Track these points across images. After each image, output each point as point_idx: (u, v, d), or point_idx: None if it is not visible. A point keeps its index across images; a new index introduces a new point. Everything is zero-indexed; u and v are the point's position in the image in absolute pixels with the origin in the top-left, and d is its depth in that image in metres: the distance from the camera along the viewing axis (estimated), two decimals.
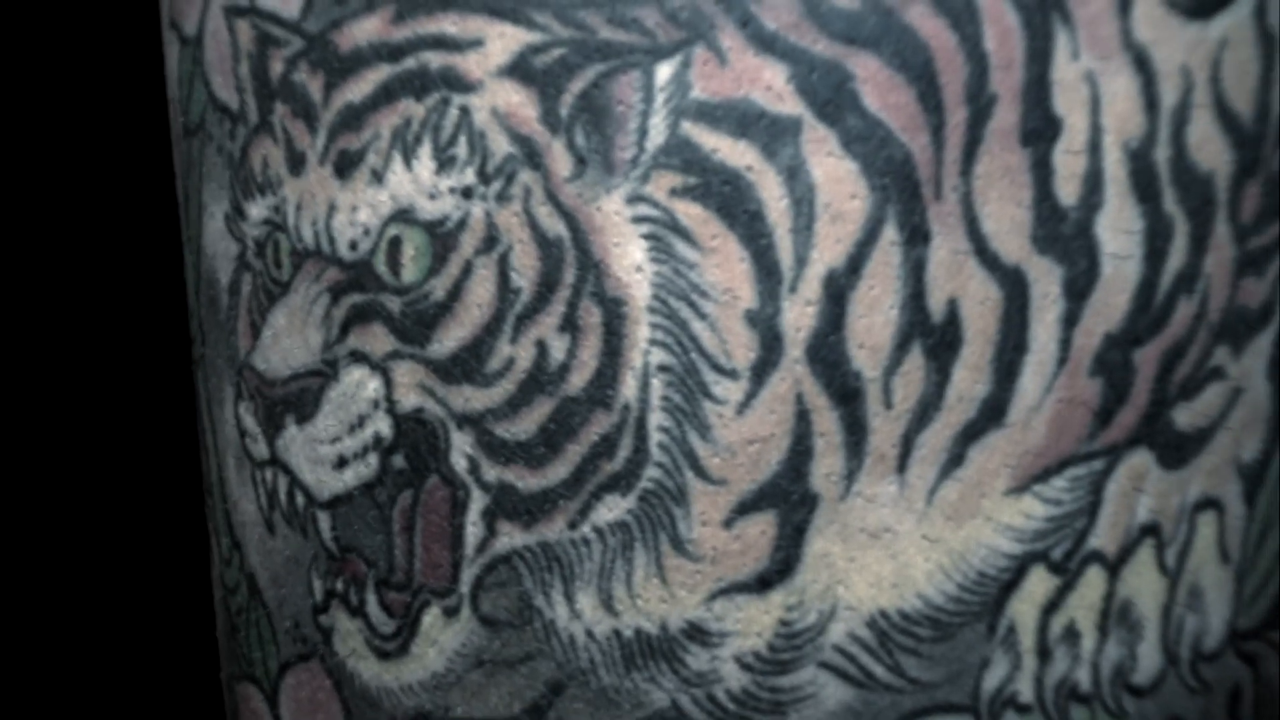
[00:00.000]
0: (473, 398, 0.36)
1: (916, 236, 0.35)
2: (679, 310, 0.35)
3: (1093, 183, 0.35)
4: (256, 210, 0.38)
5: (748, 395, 0.35)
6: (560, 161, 0.35)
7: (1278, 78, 0.37)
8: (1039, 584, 0.37)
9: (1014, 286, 0.36)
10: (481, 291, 0.36)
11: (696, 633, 0.37)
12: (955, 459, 0.36)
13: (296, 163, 0.38)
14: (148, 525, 0.56)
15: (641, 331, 0.35)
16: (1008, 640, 0.37)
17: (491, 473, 0.37)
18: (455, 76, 0.35)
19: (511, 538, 0.37)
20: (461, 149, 0.36)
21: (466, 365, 0.37)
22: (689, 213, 0.34)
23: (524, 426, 0.36)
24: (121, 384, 0.59)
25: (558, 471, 0.36)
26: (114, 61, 0.59)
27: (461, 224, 0.36)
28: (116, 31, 0.58)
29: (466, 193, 0.35)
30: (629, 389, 0.35)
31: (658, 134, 0.34)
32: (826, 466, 0.35)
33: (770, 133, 0.34)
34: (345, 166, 0.37)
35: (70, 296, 0.61)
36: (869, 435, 0.36)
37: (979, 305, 0.35)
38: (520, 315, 0.36)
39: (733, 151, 0.34)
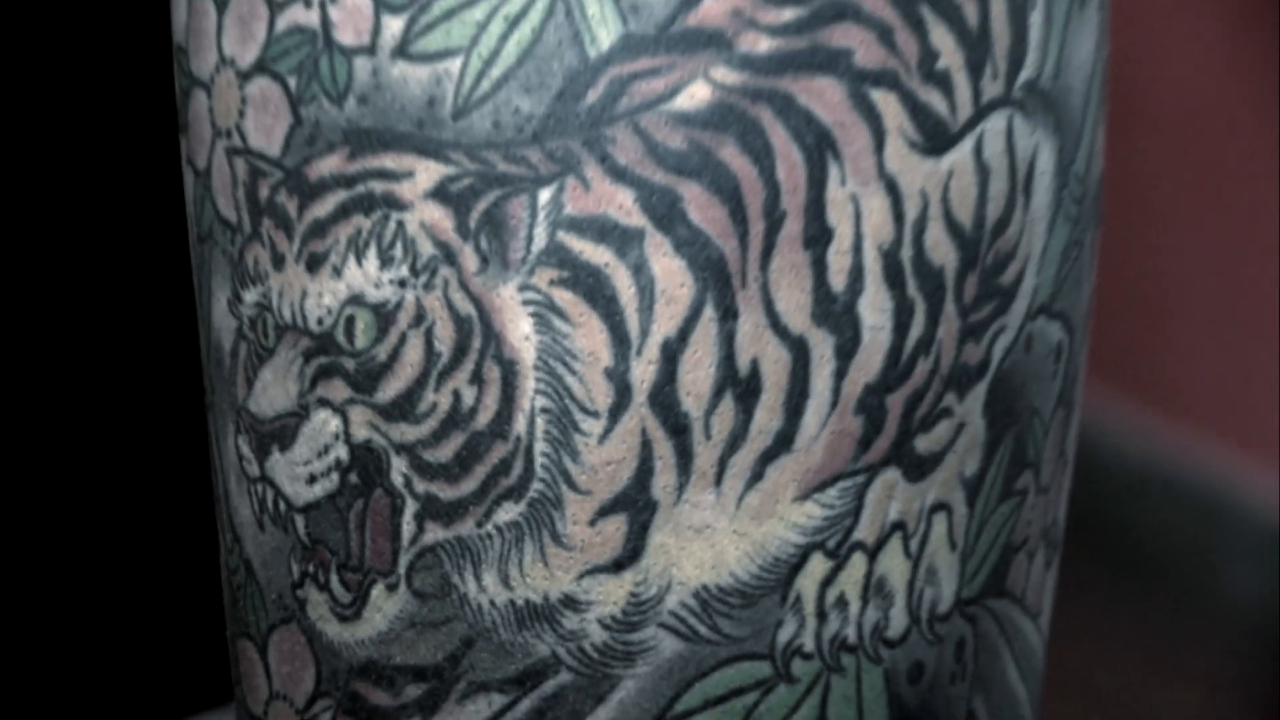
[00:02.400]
0: (406, 432, 0.41)
1: (728, 314, 0.40)
2: (556, 368, 0.40)
3: (855, 274, 0.40)
4: (250, 296, 0.42)
5: (606, 430, 0.40)
6: (469, 260, 0.40)
7: (990, 197, 0.42)
8: (818, 566, 0.42)
9: (799, 350, 0.40)
10: (413, 355, 0.40)
11: (570, 602, 0.41)
12: (757, 475, 0.41)
13: (278, 261, 0.41)
14: (177, 524, 0.61)
15: (529, 384, 0.40)
16: (795, 607, 0.42)
17: (420, 486, 0.41)
18: (393, 198, 0.40)
19: (435, 533, 0.41)
20: (398, 251, 0.40)
21: (402, 408, 0.41)
22: (563, 297, 0.39)
23: (443, 453, 0.41)
24: (160, 422, 0.63)
25: (469, 486, 0.41)
26: (147, 187, 0.63)
27: (398, 306, 0.40)
28: (151, 165, 0.61)
29: (401, 283, 0.40)
30: (520, 425, 0.40)
31: (540, 240, 0.39)
32: (664, 481, 0.40)
33: (622, 239, 0.39)
34: (313, 264, 0.41)
35: (121, 362, 0.64)
36: (694, 459, 0.41)
37: (774, 364, 0.40)
38: (441, 372, 0.40)
39: (594, 253, 0.39)
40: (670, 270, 0.39)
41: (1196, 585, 1.67)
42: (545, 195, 0.39)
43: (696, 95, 0.38)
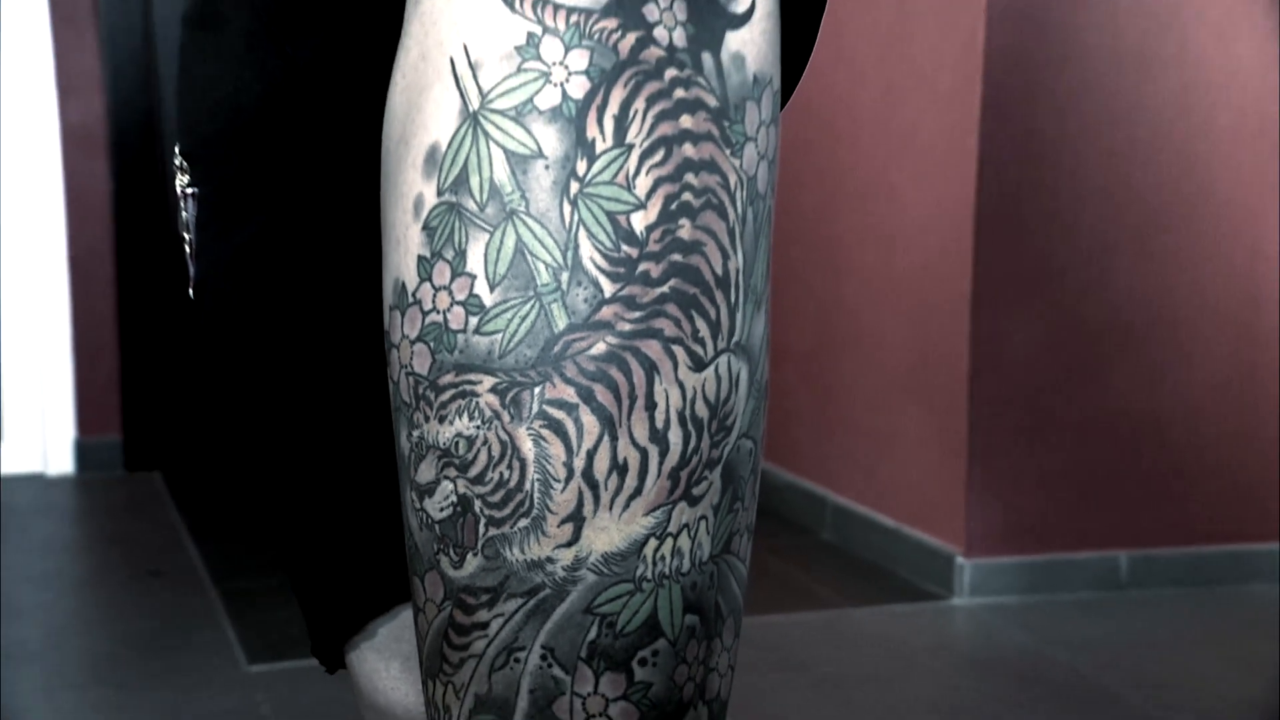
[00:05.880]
0: (480, 490, 0.68)
1: (614, 438, 0.66)
2: (543, 462, 0.66)
3: (666, 421, 0.68)
4: (415, 434, 0.70)
5: (563, 488, 0.67)
6: (506, 417, 0.67)
7: (722, 389, 0.68)
8: (653, 542, 0.68)
9: (643, 454, 0.67)
10: (483, 457, 0.67)
11: (549, 560, 0.68)
12: (627, 506, 0.67)
13: (426, 419, 0.69)
14: (392, 524, 0.82)
15: (531, 468, 0.67)
16: (643, 560, 0.68)
17: (486, 512, 0.68)
18: (473, 393, 0.67)
19: (491, 531, 0.68)
20: (476, 415, 0.67)
21: (479, 480, 0.67)
22: (544, 432, 0.67)
23: (495, 498, 0.68)
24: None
25: (506, 511, 0.68)
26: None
27: (476, 437, 0.67)
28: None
29: (478, 427, 0.67)
30: (528, 485, 0.67)
31: (535, 408, 0.66)
32: (588, 509, 0.67)
33: (568, 408, 0.66)
34: (441, 420, 0.68)
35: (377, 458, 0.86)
36: (600, 499, 0.67)
37: (634, 459, 0.67)
38: (494, 464, 0.67)
39: (557, 413, 0.66)
40: (589, 420, 0.67)
41: (806, 531, 3.74)
42: (537, 390, 0.67)
43: (599, 347, 0.67)
